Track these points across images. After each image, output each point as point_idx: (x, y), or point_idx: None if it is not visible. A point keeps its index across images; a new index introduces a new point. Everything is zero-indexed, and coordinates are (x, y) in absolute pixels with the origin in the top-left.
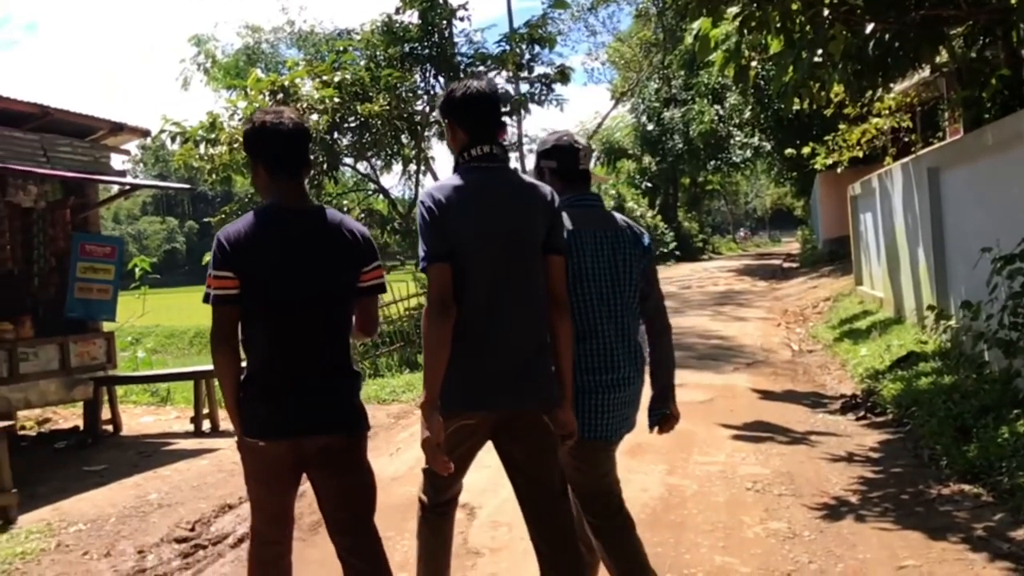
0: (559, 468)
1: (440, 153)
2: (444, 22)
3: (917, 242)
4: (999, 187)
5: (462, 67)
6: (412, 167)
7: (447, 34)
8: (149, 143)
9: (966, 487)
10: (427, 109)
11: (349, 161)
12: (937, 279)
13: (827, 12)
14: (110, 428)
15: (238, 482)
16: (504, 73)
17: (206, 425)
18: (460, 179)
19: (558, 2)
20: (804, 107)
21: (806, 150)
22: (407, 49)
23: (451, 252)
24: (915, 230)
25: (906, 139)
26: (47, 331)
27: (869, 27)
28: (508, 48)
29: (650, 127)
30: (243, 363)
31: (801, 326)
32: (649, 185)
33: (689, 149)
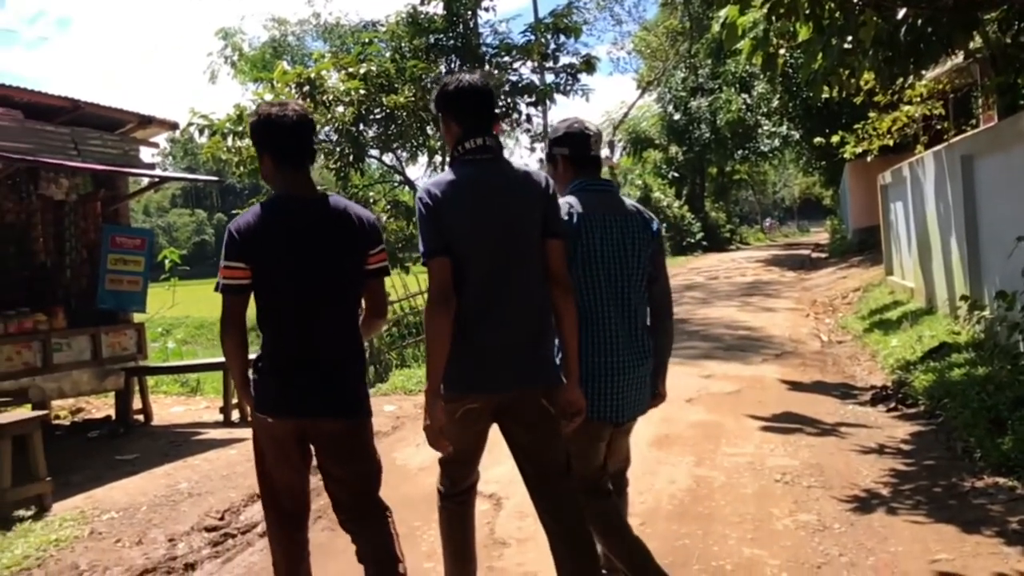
0: (562, 448)
1: None
2: (469, 12)
3: (950, 231)
4: None
5: (487, 58)
6: (437, 158)
7: (472, 24)
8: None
9: (1000, 480)
10: None
11: (375, 153)
12: (970, 269)
13: None
14: (141, 418)
15: None
16: (529, 63)
17: (235, 415)
18: (454, 173)
19: None
20: (833, 95)
21: (835, 139)
22: (432, 40)
23: (449, 246)
24: (947, 219)
25: (938, 127)
26: (79, 322)
27: (901, 12)
28: (533, 38)
29: (677, 116)
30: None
31: (830, 316)
32: (676, 175)
33: (716, 138)
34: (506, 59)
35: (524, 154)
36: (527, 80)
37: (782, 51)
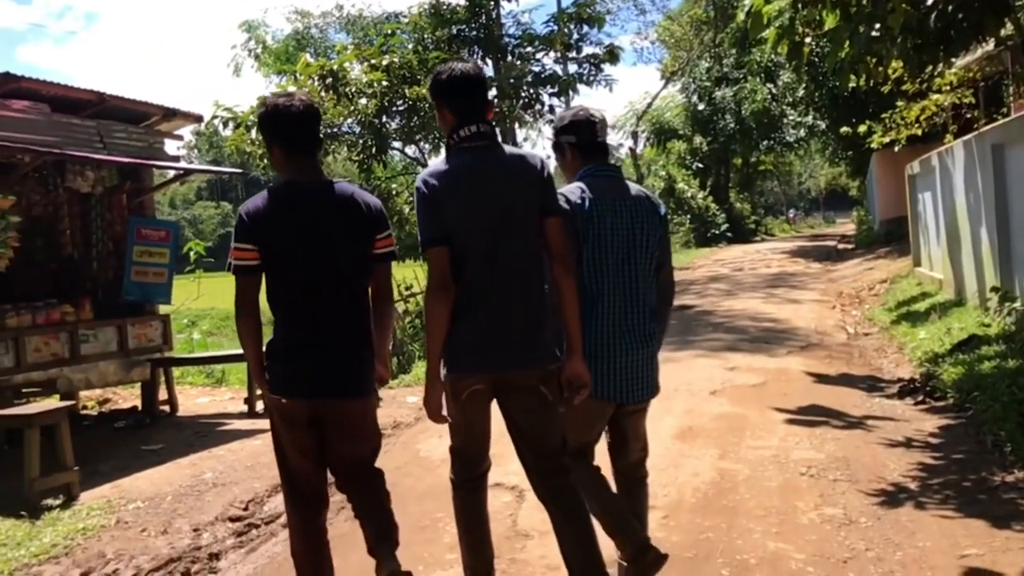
0: (559, 433)
1: None
2: (491, 3)
3: (980, 221)
4: None
5: (509, 48)
6: None
7: (494, 15)
8: (203, 129)
9: None
10: None
11: (397, 145)
12: (1001, 260)
13: None
14: (167, 408)
15: None
16: (552, 53)
17: (259, 406)
18: (449, 163)
19: None
20: (860, 84)
21: (862, 128)
22: (455, 31)
23: (447, 235)
24: (977, 209)
25: (968, 116)
26: (106, 314)
27: None
28: (556, 28)
29: (701, 107)
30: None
31: (857, 308)
32: (700, 166)
33: (741, 129)
34: (529, 49)
35: (546, 145)
36: (550, 70)
37: (808, 39)
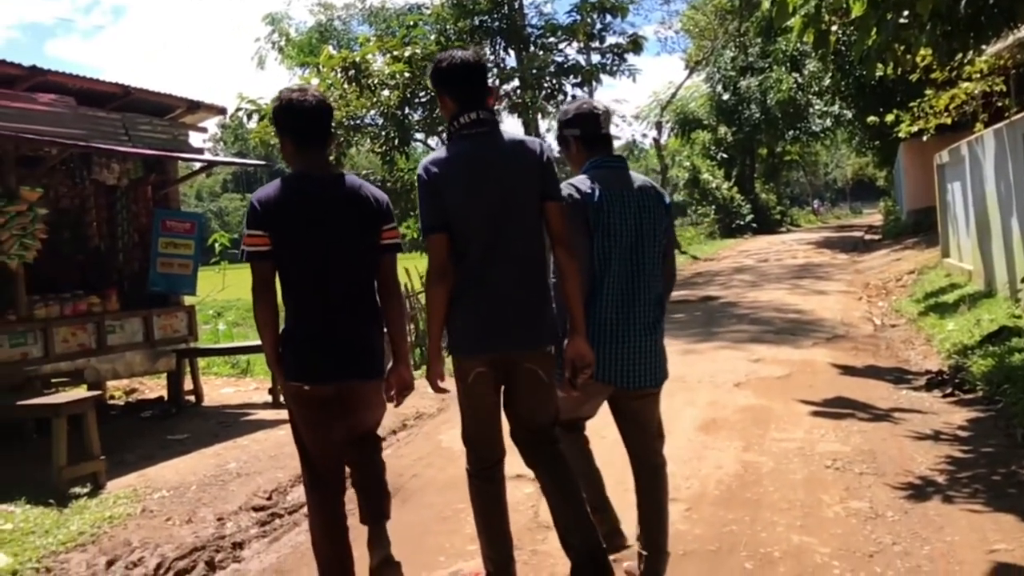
0: (553, 409)
1: (510, 126)
2: None
3: (1011, 211)
4: None
5: (532, 38)
6: None
7: (517, 5)
8: (228, 121)
9: None
10: (497, 82)
11: (420, 136)
12: None
13: None
14: (192, 399)
15: None
16: (575, 44)
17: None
18: (450, 150)
19: None
20: (888, 72)
21: (890, 118)
22: (477, 22)
23: (447, 222)
24: (1008, 199)
25: (999, 104)
26: (132, 305)
27: None
28: (579, 18)
29: (726, 97)
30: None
31: (884, 300)
32: (725, 156)
33: (766, 119)
34: (551, 40)
35: None
36: (573, 61)
37: (834, 27)
